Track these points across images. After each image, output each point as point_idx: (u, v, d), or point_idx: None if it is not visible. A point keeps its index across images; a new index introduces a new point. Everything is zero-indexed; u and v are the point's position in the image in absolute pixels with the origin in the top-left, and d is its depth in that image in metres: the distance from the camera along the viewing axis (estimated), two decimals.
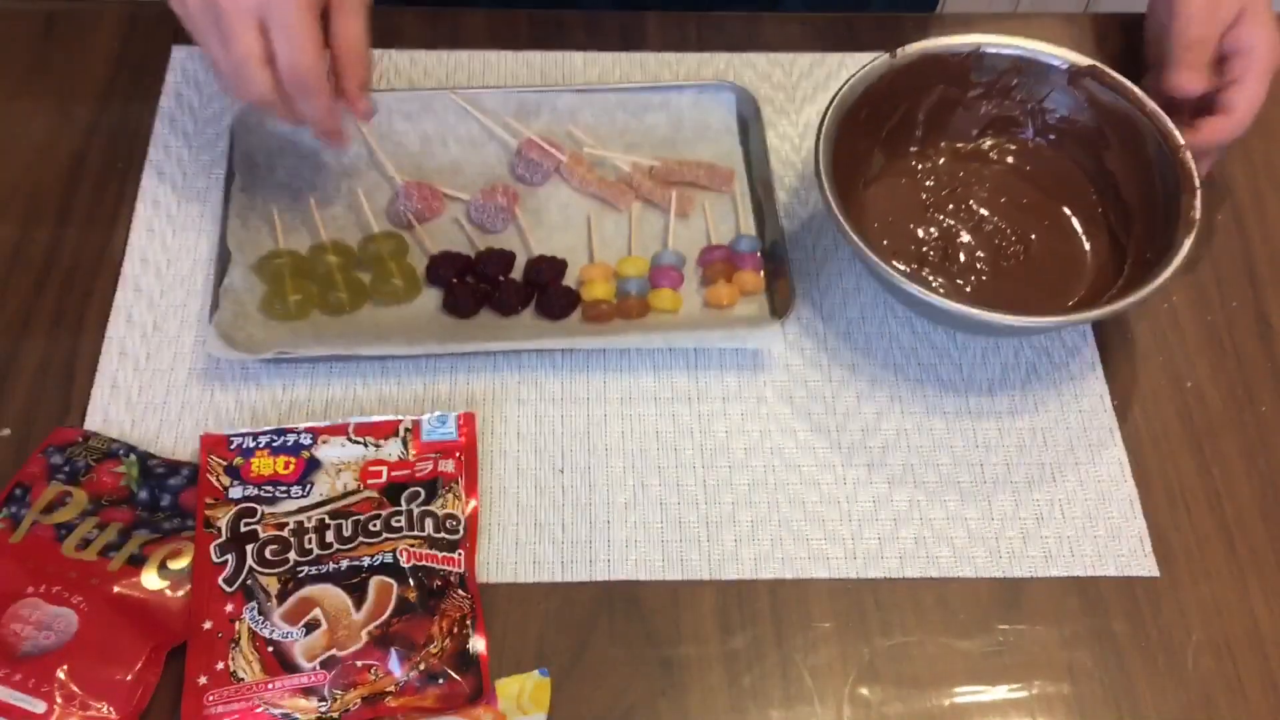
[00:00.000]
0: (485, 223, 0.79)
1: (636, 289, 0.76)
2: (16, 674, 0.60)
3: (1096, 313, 0.70)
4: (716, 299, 0.76)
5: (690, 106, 0.84)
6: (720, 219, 0.80)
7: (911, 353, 0.76)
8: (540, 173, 0.80)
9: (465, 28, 0.89)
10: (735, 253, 0.78)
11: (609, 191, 0.80)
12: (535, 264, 0.77)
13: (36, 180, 0.81)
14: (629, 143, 0.83)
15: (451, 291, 0.75)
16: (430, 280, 0.76)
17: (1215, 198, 0.84)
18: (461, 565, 0.65)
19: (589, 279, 0.76)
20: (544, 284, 0.76)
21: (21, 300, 0.75)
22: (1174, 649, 0.66)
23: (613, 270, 0.77)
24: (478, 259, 0.77)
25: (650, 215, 0.80)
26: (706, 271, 0.77)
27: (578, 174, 0.80)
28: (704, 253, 0.78)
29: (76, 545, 0.64)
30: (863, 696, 0.64)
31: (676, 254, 0.78)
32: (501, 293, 0.75)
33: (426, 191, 0.79)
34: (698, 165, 0.81)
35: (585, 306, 0.75)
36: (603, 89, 0.84)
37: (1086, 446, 0.73)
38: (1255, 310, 0.79)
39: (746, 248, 0.78)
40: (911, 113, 0.82)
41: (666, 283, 0.76)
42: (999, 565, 0.68)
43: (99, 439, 0.69)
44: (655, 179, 0.81)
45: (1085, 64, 0.79)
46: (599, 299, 0.75)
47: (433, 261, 0.76)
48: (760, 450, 0.72)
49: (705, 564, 0.68)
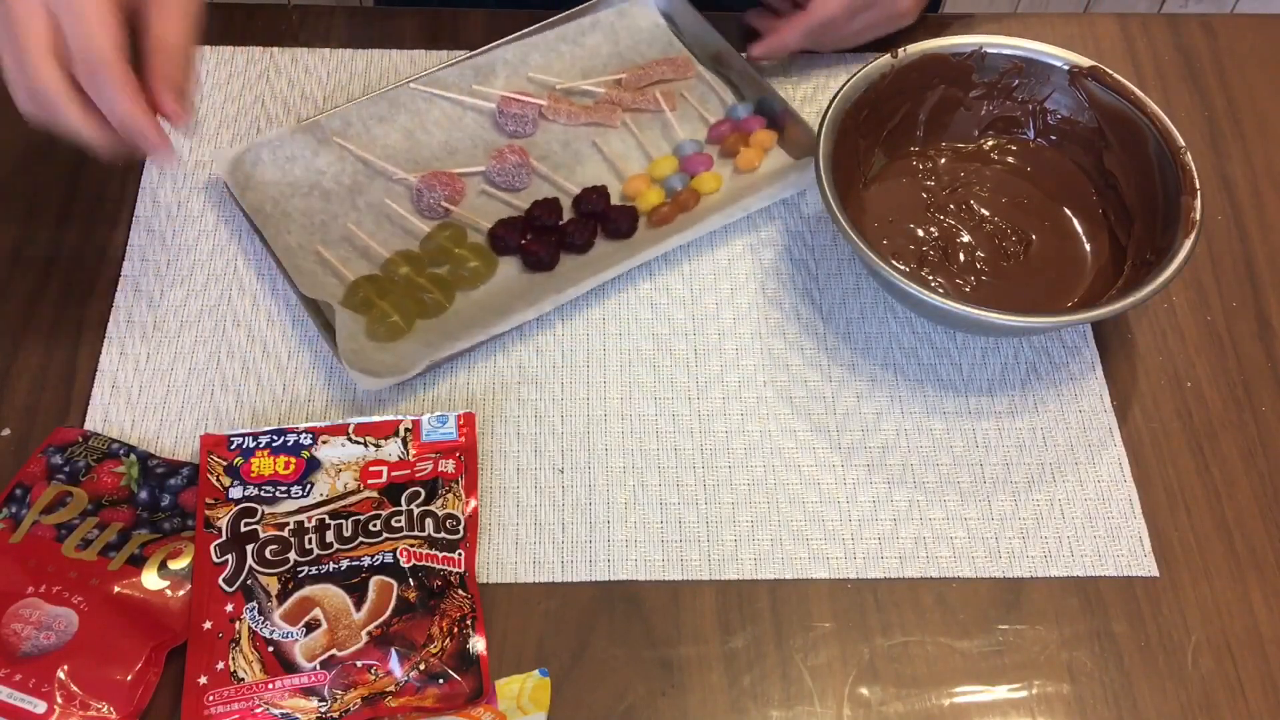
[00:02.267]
0: (511, 183, 0.80)
1: (680, 184, 0.81)
2: (17, 674, 0.60)
3: (1096, 313, 0.70)
4: (747, 163, 0.82)
5: (618, 18, 0.88)
6: (702, 100, 0.86)
7: (911, 353, 0.76)
8: (527, 122, 0.83)
9: (465, 28, 0.90)
10: (737, 121, 0.84)
11: (598, 114, 0.84)
12: (582, 199, 0.79)
13: (36, 180, 0.81)
14: (584, 69, 0.87)
15: (527, 251, 0.77)
16: (499, 251, 0.77)
17: (1215, 198, 0.84)
18: (462, 565, 0.65)
19: (636, 191, 0.80)
20: (600, 211, 0.79)
21: (21, 300, 0.75)
22: (1174, 649, 0.66)
23: (649, 176, 0.81)
24: (530, 215, 0.78)
25: (644, 120, 0.85)
26: (723, 146, 0.83)
27: (563, 110, 0.83)
28: (711, 131, 0.84)
29: (77, 545, 0.64)
30: (863, 696, 0.64)
31: (694, 141, 0.83)
32: (571, 234, 0.77)
33: (444, 177, 0.79)
34: (656, 64, 0.86)
35: (649, 216, 0.79)
36: (537, 30, 0.86)
37: (1086, 446, 0.73)
38: (1255, 310, 0.79)
39: (744, 113, 0.84)
40: (912, 113, 0.82)
41: (701, 168, 0.81)
42: (999, 565, 0.68)
43: (99, 439, 0.69)
44: (628, 89, 0.85)
45: (1086, 64, 0.79)
46: (655, 205, 0.79)
47: (492, 233, 0.77)
48: (760, 450, 0.72)
49: (705, 564, 0.68)
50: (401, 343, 0.73)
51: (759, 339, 0.76)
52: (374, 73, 0.87)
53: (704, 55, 0.87)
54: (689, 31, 0.88)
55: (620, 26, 0.88)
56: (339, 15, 0.91)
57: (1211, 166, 0.85)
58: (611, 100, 0.84)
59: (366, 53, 0.88)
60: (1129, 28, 0.93)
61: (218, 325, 0.75)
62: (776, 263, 0.79)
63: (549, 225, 0.78)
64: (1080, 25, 0.93)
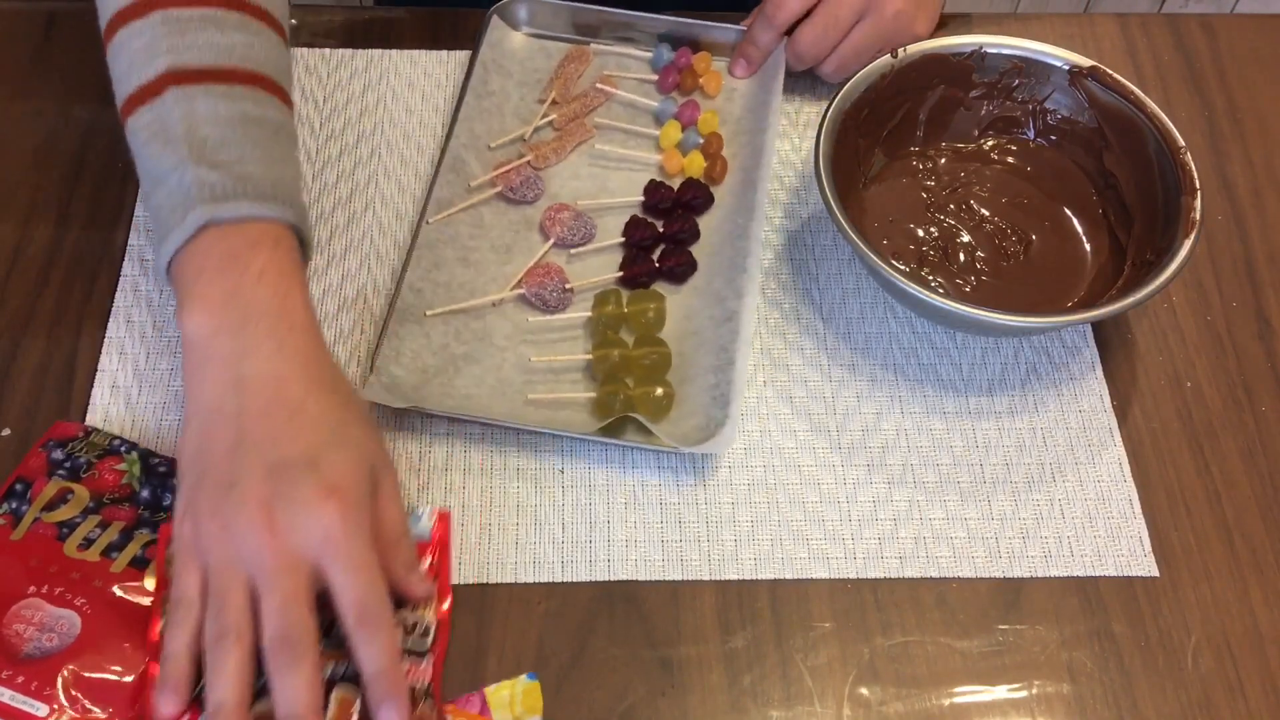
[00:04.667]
0: (583, 236, 0.78)
1: (694, 138, 0.83)
2: (19, 676, 0.60)
3: (1096, 313, 0.70)
4: (714, 88, 0.86)
5: (496, 53, 0.86)
6: (626, 68, 0.87)
7: (911, 353, 0.76)
8: (533, 183, 0.80)
9: (465, 28, 0.89)
10: (672, 64, 0.86)
11: (575, 136, 0.83)
12: (650, 199, 0.80)
13: (36, 180, 0.81)
14: (516, 112, 0.85)
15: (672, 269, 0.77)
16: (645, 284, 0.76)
17: (1215, 198, 0.84)
18: (428, 677, 0.61)
19: (676, 166, 0.82)
20: (678, 201, 0.80)
21: (21, 300, 0.75)
22: (1174, 649, 0.66)
23: (669, 150, 0.82)
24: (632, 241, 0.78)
25: (611, 114, 0.85)
26: (683, 89, 0.86)
27: (546, 151, 0.82)
28: (663, 85, 0.86)
29: (79, 545, 0.64)
30: (863, 696, 0.64)
31: (667, 99, 0.85)
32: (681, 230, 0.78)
33: (538, 271, 0.76)
34: (564, 67, 0.86)
35: (709, 177, 0.81)
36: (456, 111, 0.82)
37: (1086, 446, 0.73)
38: (1255, 310, 0.79)
39: (668, 54, 0.86)
40: (913, 113, 0.82)
41: (695, 112, 0.84)
42: (999, 565, 0.68)
43: (100, 435, 0.69)
44: (565, 101, 0.85)
45: (1086, 64, 0.79)
46: (701, 165, 0.81)
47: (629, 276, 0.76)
48: (760, 450, 0.72)
49: (705, 564, 0.68)
50: None
51: (759, 339, 0.76)
52: (374, 73, 0.87)
53: (585, 34, 0.88)
54: (558, 24, 0.88)
55: (505, 60, 0.86)
56: (339, 15, 0.91)
57: (1211, 166, 0.85)
58: (568, 118, 0.84)
59: (366, 53, 0.88)
60: (1129, 28, 0.93)
61: None
62: (776, 264, 0.79)
63: (656, 238, 0.78)
64: (1080, 25, 0.93)
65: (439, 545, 0.66)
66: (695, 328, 0.74)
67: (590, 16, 0.88)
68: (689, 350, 0.74)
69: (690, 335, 0.74)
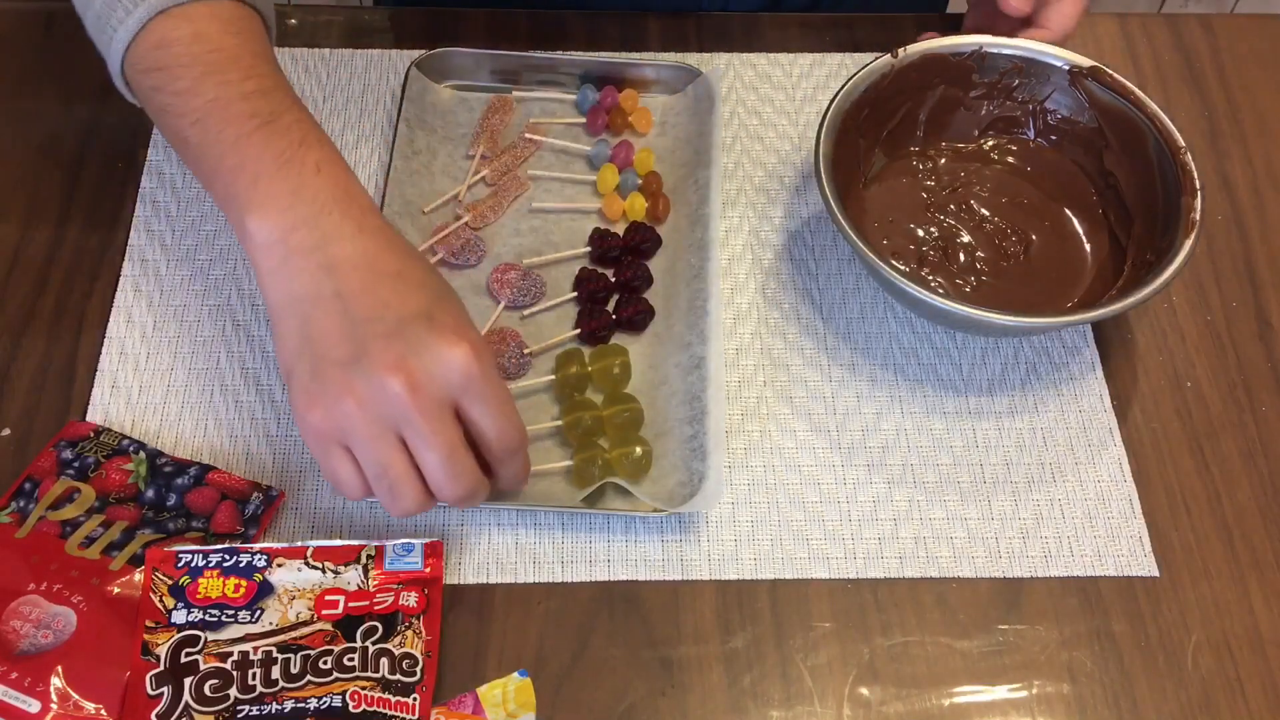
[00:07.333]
0: (531, 296, 0.76)
1: (632, 179, 0.81)
2: (13, 672, 0.60)
3: (1096, 313, 0.70)
4: (645, 126, 0.84)
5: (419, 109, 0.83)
6: (552, 114, 0.85)
7: (911, 353, 0.76)
8: (474, 245, 0.78)
9: (465, 28, 0.90)
10: (597, 105, 0.84)
11: (510, 190, 0.81)
12: (597, 249, 0.77)
13: (36, 180, 0.81)
14: (445, 171, 0.82)
15: (630, 318, 0.75)
16: (604, 340, 0.74)
17: (1215, 198, 0.84)
18: (416, 711, 0.60)
19: (617, 211, 0.80)
20: (628, 246, 0.78)
21: (21, 300, 0.75)
22: (1174, 649, 0.66)
23: (608, 194, 0.80)
24: (586, 293, 0.76)
25: (542, 163, 0.83)
26: (613, 129, 0.84)
27: (483, 209, 0.79)
28: (591, 128, 0.84)
29: (80, 543, 0.64)
30: (863, 696, 0.64)
31: (600, 141, 0.83)
32: (633, 278, 0.76)
33: (494, 337, 0.74)
34: (488, 118, 0.83)
35: (653, 217, 0.80)
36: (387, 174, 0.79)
37: (1086, 446, 0.73)
38: (1255, 310, 0.79)
39: (592, 95, 0.85)
40: (913, 113, 0.82)
41: (629, 153, 0.82)
42: (999, 565, 0.68)
43: (110, 434, 0.69)
44: (496, 154, 0.82)
45: (1086, 64, 0.79)
46: (643, 206, 0.80)
47: (587, 332, 0.74)
48: (760, 450, 0.72)
49: (705, 564, 0.68)
50: None
51: (759, 339, 0.76)
52: (374, 73, 0.87)
53: (506, 80, 0.85)
54: (480, 73, 0.85)
55: (428, 115, 0.83)
56: (339, 15, 0.91)
57: (1211, 166, 0.85)
58: (500, 172, 0.81)
59: (366, 53, 0.88)
60: (1129, 28, 0.93)
61: (218, 327, 0.75)
62: (776, 263, 0.79)
63: (609, 288, 0.76)
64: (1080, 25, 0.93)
65: (430, 580, 0.65)
66: (663, 377, 0.73)
67: (511, 62, 0.84)
68: (660, 402, 0.72)
69: (659, 386, 0.73)
